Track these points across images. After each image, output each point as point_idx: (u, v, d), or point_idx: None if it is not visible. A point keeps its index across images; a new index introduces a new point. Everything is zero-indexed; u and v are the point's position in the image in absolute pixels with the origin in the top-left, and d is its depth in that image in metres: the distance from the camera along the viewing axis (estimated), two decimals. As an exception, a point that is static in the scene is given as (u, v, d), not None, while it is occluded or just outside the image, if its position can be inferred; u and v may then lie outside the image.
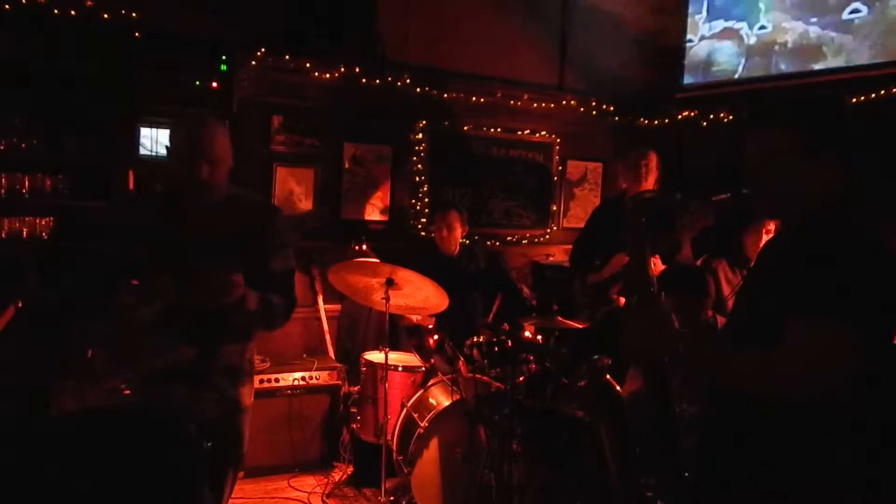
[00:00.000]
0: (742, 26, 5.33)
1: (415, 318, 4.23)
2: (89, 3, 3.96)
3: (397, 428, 3.90)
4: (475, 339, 3.59)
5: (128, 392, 2.42)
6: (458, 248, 4.61)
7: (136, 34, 4.04)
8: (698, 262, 4.42)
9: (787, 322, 1.61)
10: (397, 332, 4.51)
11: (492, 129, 5.69)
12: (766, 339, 1.65)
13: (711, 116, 5.53)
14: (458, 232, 4.54)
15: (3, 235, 3.85)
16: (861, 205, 1.75)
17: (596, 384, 2.88)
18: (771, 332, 1.63)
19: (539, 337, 3.75)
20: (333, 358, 4.88)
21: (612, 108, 5.92)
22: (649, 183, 4.19)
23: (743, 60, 5.34)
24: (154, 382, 2.44)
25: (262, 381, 4.40)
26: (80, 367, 3.55)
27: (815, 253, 1.64)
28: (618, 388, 2.91)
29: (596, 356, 2.98)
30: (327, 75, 4.87)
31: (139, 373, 2.45)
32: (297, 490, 4.26)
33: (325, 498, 4.16)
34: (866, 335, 1.58)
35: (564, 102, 5.78)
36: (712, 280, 4.34)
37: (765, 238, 4.18)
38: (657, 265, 3.78)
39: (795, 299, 1.61)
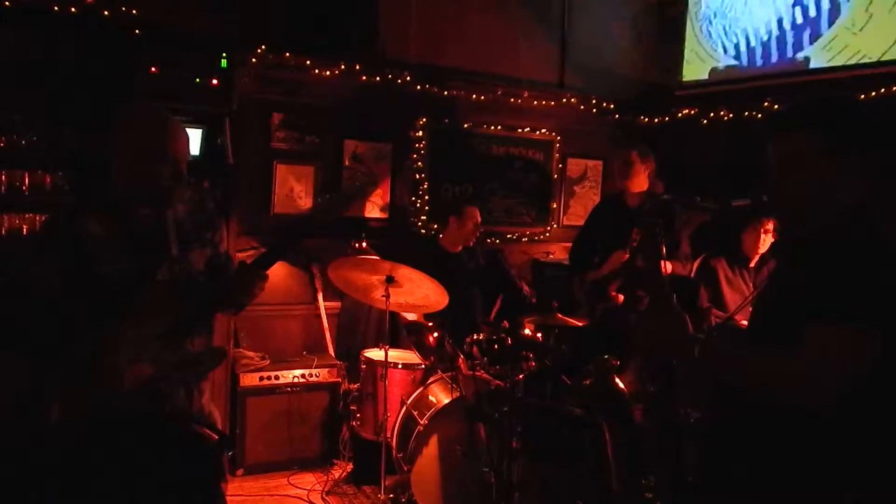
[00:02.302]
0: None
1: (410, 316, 4.23)
2: (89, 0, 3.96)
3: (397, 425, 3.91)
4: (475, 337, 3.60)
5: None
6: (461, 245, 4.62)
7: (137, 31, 4.04)
8: (697, 262, 4.43)
9: (810, 326, 1.61)
10: (397, 330, 4.51)
11: (492, 127, 5.69)
12: (788, 343, 1.65)
13: (712, 114, 5.53)
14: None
15: (3, 232, 3.85)
16: (882, 205, 1.74)
17: (602, 383, 2.88)
18: (793, 337, 1.63)
19: (539, 334, 3.76)
20: (333, 355, 4.88)
21: (612, 106, 5.92)
22: (638, 181, 4.19)
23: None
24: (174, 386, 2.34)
25: (261, 378, 4.41)
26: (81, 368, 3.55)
27: (837, 261, 1.64)
28: (622, 387, 2.91)
29: (606, 356, 2.98)
30: (328, 73, 4.87)
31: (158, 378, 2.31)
32: (297, 487, 4.26)
33: (324, 495, 4.17)
34: (887, 337, 1.57)
35: (565, 100, 5.78)
36: (711, 279, 4.36)
37: (763, 238, 4.20)
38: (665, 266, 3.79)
39: (819, 304, 1.61)
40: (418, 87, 5.20)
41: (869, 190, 1.73)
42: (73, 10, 3.92)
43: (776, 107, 4.93)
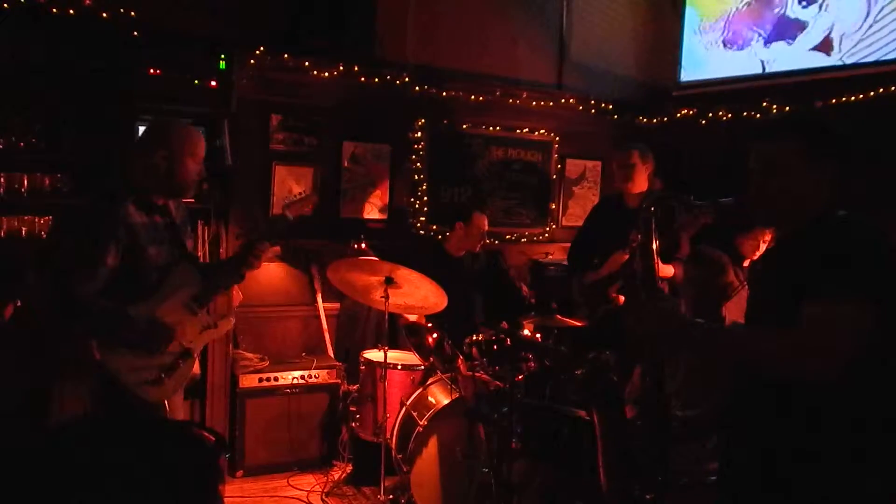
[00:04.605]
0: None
1: (412, 317, 4.23)
2: (88, 2, 3.96)
3: (396, 426, 3.90)
4: (474, 338, 3.59)
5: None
6: (465, 250, 4.64)
7: (135, 33, 4.04)
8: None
9: (808, 304, 1.72)
10: (396, 331, 4.51)
11: (491, 128, 5.69)
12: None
13: (710, 115, 5.54)
14: None
15: (2, 234, 3.85)
16: (856, 203, 1.88)
17: (596, 377, 2.88)
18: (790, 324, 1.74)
19: (538, 335, 3.76)
20: (333, 356, 4.88)
21: (611, 107, 5.92)
22: (638, 182, 4.19)
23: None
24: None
25: (261, 380, 4.41)
26: (80, 367, 3.56)
27: (829, 249, 1.76)
28: (616, 381, 2.90)
29: (605, 351, 2.99)
30: (326, 74, 4.87)
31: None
32: (297, 489, 4.26)
33: (324, 496, 4.17)
34: (880, 310, 1.69)
35: (563, 101, 5.77)
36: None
37: (761, 246, 4.23)
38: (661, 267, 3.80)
39: (813, 287, 1.72)
40: (417, 88, 5.19)
41: (843, 190, 1.88)
42: (71, 11, 3.92)
43: (774, 107, 4.94)
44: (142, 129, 4.18)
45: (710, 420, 2.84)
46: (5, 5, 3.81)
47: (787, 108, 4.89)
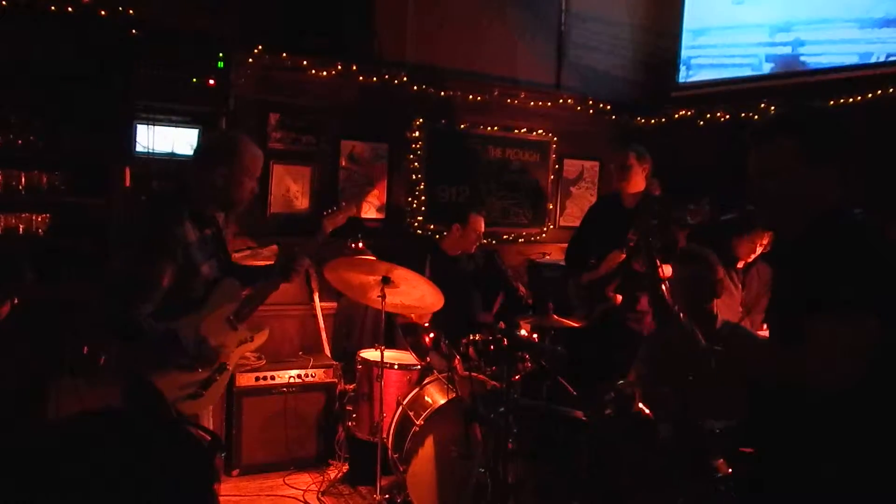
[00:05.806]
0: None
1: (413, 314, 4.23)
2: (87, 0, 3.96)
3: (393, 426, 3.91)
4: (471, 338, 3.59)
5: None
6: (461, 250, 4.64)
7: (133, 31, 4.04)
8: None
9: (810, 320, 1.70)
10: (393, 330, 4.51)
11: (489, 128, 5.69)
12: (796, 338, 1.75)
13: (708, 115, 5.54)
14: None
15: (0, 232, 3.85)
16: (858, 205, 1.85)
17: (625, 412, 2.84)
18: (798, 333, 1.73)
19: (535, 335, 3.76)
20: (329, 355, 4.88)
21: (609, 107, 5.92)
22: (635, 182, 4.20)
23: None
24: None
25: (257, 379, 4.41)
26: (77, 364, 3.56)
27: (830, 259, 1.73)
28: (647, 411, 2.85)
29: (622, 382, 2.97)
30: (325, 73, 4.87)
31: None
32: (293, 488, 4.26)
33: (320, 496, 4.17)
34: (883, 321, 1.67)
35: (562, 101, 5.78)
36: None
37: (757, 250, 4.22)
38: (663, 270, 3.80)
39: (814, 297, 1.71)
40: (415, 87, 5.20)
41: (844, 190, 1.84)
42: (69, 9, 3.92)
43: (772, 108, 4.94)
44: (139, 127, 4.19)
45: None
46: (3, 3, 3.80)
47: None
